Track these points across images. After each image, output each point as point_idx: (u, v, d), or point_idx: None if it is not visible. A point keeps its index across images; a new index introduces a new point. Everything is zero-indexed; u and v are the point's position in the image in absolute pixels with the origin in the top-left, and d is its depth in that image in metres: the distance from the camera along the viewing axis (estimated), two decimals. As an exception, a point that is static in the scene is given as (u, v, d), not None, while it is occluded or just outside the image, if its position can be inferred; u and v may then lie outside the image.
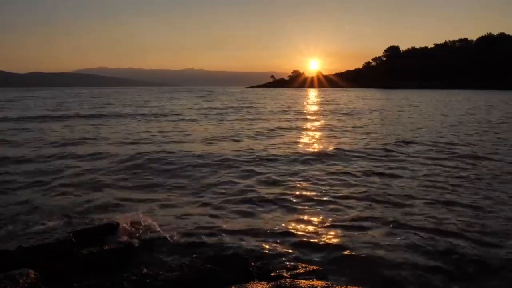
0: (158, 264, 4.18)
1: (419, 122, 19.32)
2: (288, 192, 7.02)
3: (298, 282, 3.22)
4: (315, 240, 4.90)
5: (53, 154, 10.65)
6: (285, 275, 3.82)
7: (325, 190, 7.14)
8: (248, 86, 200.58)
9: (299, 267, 4.06)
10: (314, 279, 3.65)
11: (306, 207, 6.19)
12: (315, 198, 6.66)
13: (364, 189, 7.16)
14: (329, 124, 18.94)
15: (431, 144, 12.27)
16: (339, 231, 5.22)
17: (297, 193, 6.95)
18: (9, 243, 4.08)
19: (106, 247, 4.29)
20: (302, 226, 5.42)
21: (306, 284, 3.19)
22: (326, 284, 3.23)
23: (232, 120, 21.33)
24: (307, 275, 3.89)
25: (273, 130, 16.57)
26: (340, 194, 6.85)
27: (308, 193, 6.93)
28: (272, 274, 3.85)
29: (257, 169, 8.78)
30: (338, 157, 10.29)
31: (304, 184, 7.60)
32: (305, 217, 5.75)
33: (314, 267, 4.08)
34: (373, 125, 18.55)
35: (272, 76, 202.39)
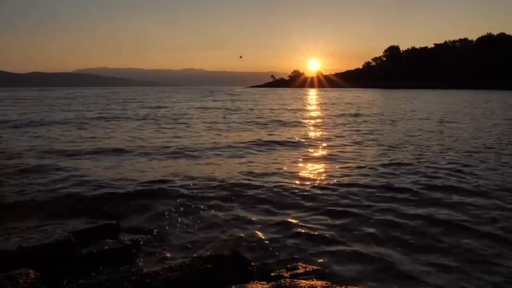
0: (158, 264, 4.18)
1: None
2: (289, 191, 7.03)
3: (298, 282, 3.22)
4: (316, 240, 4.90)
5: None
6: (285, 275, 3.82)
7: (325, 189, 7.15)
8: (248, 86, 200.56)
9: (299, 267, 4.06)
10: (314, 279, 3.65)
11: (307, 207, 6.19)
12: (316, 197, 6.66)
13: (374, 188, 7.17)
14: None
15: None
16: (340, 230, 5.22)
17: (298, 191, 6.96)
18: (9, 243, 4.07)
19: (106, 247, 4.29)
20: (303, 225, 5.42)
21: (306, 284, 3.19)
22: (326, 284, 3.23)
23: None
24: (307, 275, 3.88)
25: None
26: (343, 192, 6.86)
27: (309, 191, 6.94)
28: (272, 274, 3.85)
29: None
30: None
31: (303, 182, 7.60)
32: (306, 217, 5.75)
33: (314, 267, 4.08)
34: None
35: (272, 76, 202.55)
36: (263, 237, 5.02)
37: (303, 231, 5.22)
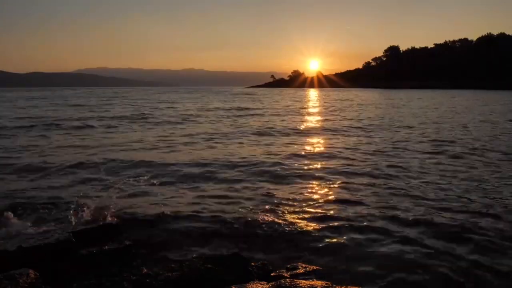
0: (158, 264, 4.18)
1: None
2: (290, 190, 7.03)
3: (298, 282, 3.23)
4: (316, 240, 4.90)
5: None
6: (285, 275, 3.82)
7: (327, 190, 7.15)
8: (248, 86, 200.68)
9: (299, 267, 4.06)
10: (314, 279, 3.65)
11: (307, 207, 6.19)
12: (316, 198, 6.66)
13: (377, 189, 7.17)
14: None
15: None
16: (340, 230, 5.21)
17: (298, 190, 6.96)
18: (9, 243, 4.07)
19: (106, 247, 4.29)
20: (303, 225, 5.42)
21: (306, 284, 3.19)
22: (326, 284, 3.24)
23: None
24: (307, 275, 3.89)
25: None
26: (341, 197, 6.85)
27: (309, 192, 6.94)
28: (272, 274, 3.85)
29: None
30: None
31: (308, 183, 7.60)
32: (306, 217, 5.75)
33: (314, 267, 4.08)
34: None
35: (272, 76, 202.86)
36: (263, 238, 5.01)
37: (303, 231, 5.21)
